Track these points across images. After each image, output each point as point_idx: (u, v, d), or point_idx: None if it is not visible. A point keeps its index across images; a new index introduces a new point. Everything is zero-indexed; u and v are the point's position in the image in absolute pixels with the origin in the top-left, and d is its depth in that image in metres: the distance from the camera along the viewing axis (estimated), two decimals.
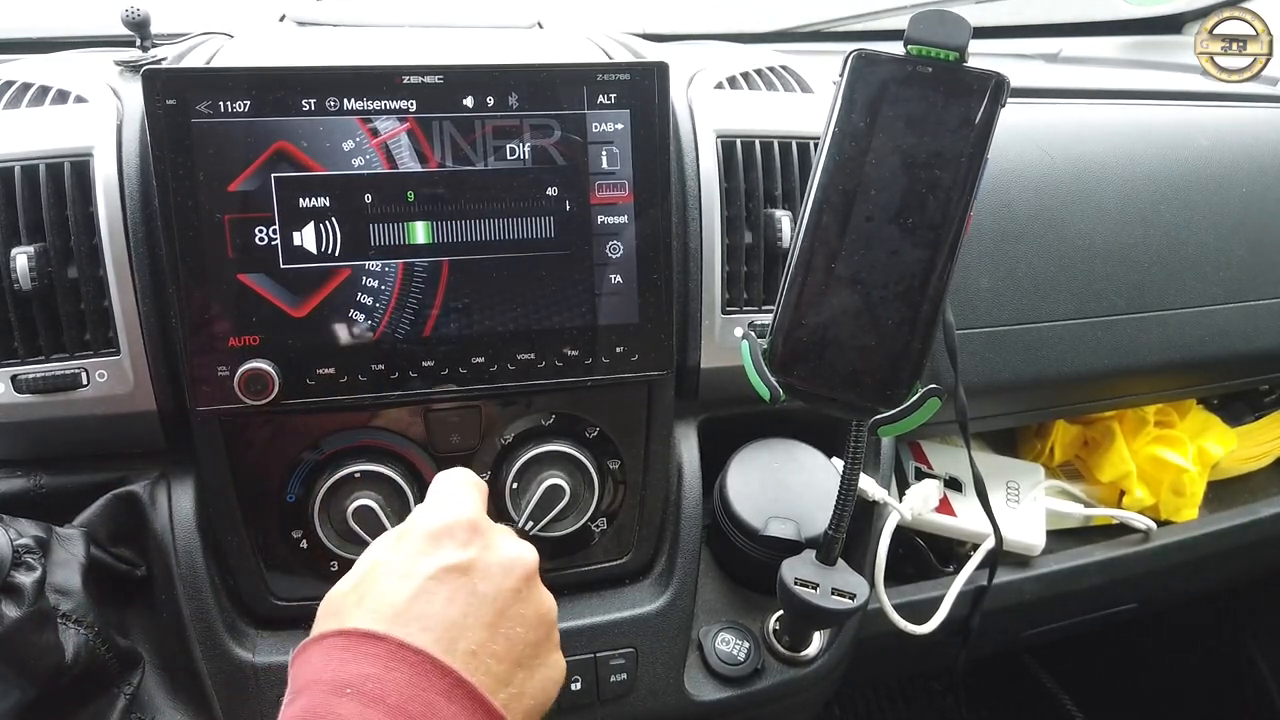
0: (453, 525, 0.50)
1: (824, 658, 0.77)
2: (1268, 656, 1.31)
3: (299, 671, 0.45)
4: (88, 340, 0.64)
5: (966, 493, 0.93)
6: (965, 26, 0.51)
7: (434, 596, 0.46)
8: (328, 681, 0.43)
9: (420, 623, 0.45)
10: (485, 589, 0.48)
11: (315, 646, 0.45)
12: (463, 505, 0.52)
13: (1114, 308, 0.90)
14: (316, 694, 0.43)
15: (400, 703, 0.42)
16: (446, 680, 0.43)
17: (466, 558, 0.48)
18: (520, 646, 0.48)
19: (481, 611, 0.47)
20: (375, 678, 0.43)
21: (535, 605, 0.50)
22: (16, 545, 0.58)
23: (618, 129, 0.65)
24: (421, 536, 0.49)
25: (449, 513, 0.51)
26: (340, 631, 0.45)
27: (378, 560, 0.49)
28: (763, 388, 0.56)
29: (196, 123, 0.59)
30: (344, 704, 0.42)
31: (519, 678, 0.48)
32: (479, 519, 0.51)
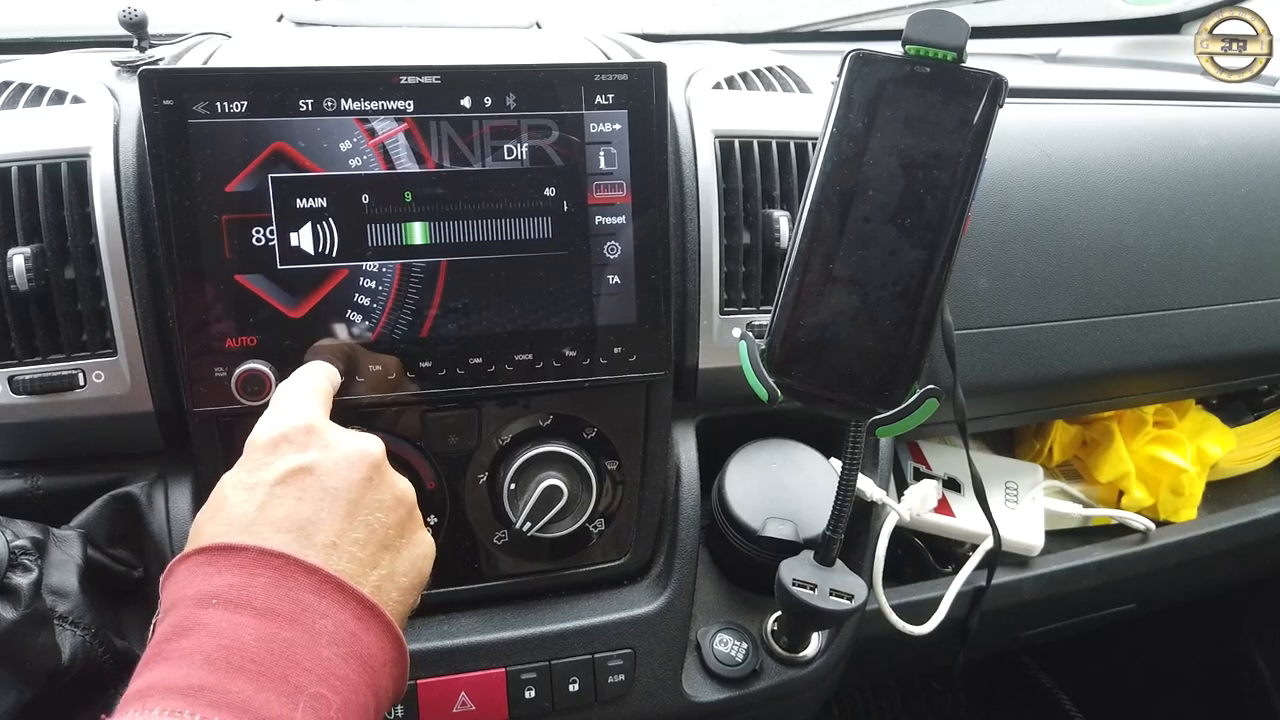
0: (288, 432, 0.50)
1: (822, 658, 0.77)
2: (1266, 656, 1.31)
3: (166, 593, 0.45)
4: (85, 341, 0.64)
5: (965, 493, 0.93)
6: (963, 26, 0.51)
7: (283, 500, 0.47)
8: (193, 596, 0.43)
9: (273, 525, 0.46)
10: (333, 484, 0.49)
11: (178, 566, 0.46)
12: (296, 410, 0.52)
13: (1113, 308, 0.90)
14: (183, 608, 0.43)
15: (267, 604, 0.43)
16: (313, 578, 0.45)
17: (308, 459, 0.49)
18: (381, 531, 0.49)
19: (334, 506, 0.48)
20: (239, 585, 0.43)
21: (389, 490, 0.51)
22: (13, 547, 0.58)
23: (615, 129, 0.65)
24: (260, 448, 0.50)
25: (283, 420, 0.51)
26: (199, 549, 0.45)
27: (223, 481, 0.50)
28: (761, 388, 0.56)
29: (193, 123, 0.59)
30: (211, 613, 0.42)
31: (385, 559, 0.49)
32: (314, 421, 0.51)
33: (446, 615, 0.72)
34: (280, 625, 0.43)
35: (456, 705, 0.69)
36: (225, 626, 0.42)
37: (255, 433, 0.51)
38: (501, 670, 0.70)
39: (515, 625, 0.72)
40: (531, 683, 0.71)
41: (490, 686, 0.70)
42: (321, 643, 0.43)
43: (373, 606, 0.46)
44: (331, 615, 0.44)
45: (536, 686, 0.71)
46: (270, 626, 0.42)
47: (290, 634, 0.42)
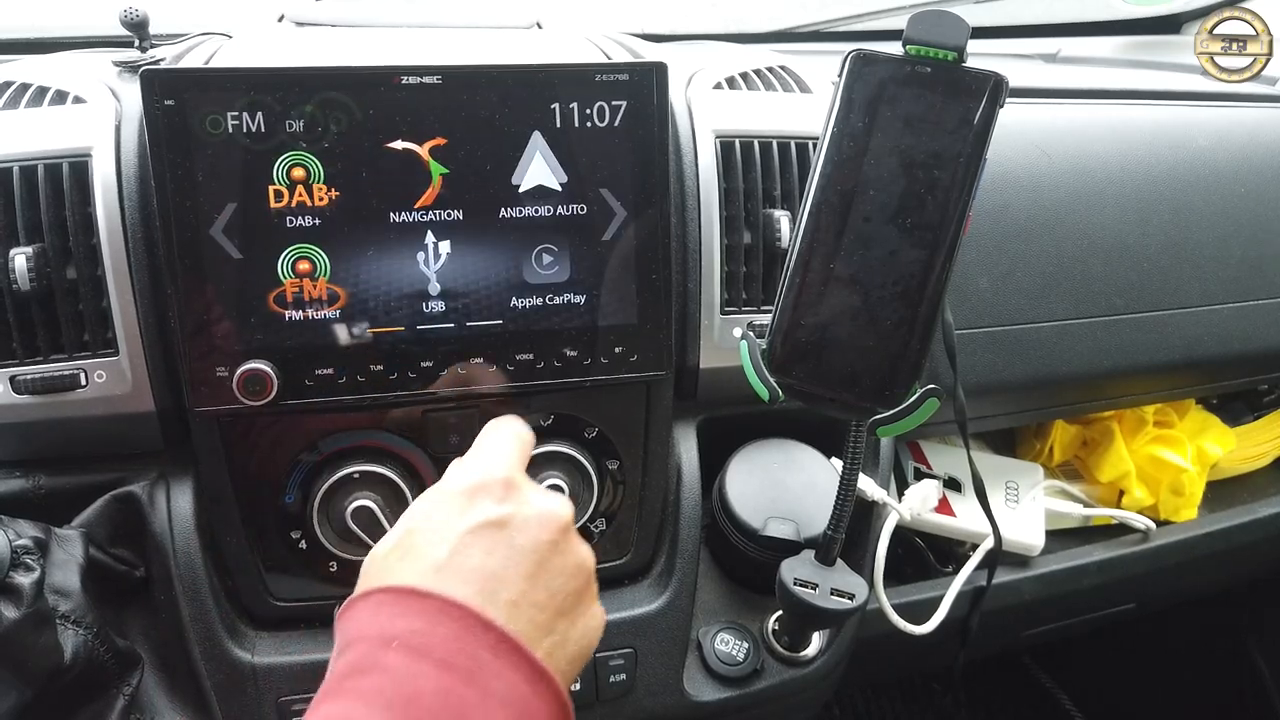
0: (488, 482, 0.50)
1: (823, 658, 0.77)
2: (1267, 656, 1.31)
3: (346, 626, 0.46)
4: (86, 341, 0.64)
5: (966, 493, 0.93)
6: (964, 26, 0.51)
7: (472, 551, 0.47)
8: (374, 636, 0.43)
9: (460, 576, 0.46)
10: (522, 542, 0.48)
11: (362, 603, 0.46)
12: (498, 462, 0.52)
13: (1113, 308, 0.90)
14: (363, 647, 0.43)
15: (446, 656, 0.43)
16: (491, 635, 0.44)
17: (502, 513, 0.49)
18: (561, 596, 0.49)
19: (521, 563, 0.48)
20: (422, 632, 0.43)
21: (573, 556, 0.51)
22: (15, 546, 0.58)
23: (616, 129, 0.65)
24: (457, 494, 0.50)
25: (483, 470, 0.51)
26: (385, 588, 0.46)
27: (416, 518, 0.50)
28: (761, 388, 0.56)
29: (195, 123, 0.59)
30: (391, 655, 0.42)
31: (561, 626, 0.48)
32: (513, 475, 0.51)
33: None
34: (456, 681, 0.42)
35: None
36: (404, 674, 0.42)
37: (454, 475, 0.52)
38: None
39: None
40: None
41: None
42: (493, 704, 0.43)
43: (545, 673, 0.45)
44: (505, 677, 0.44)
45: None
46: (447, 681, 0.42)
47: (465, 692, 0.42)
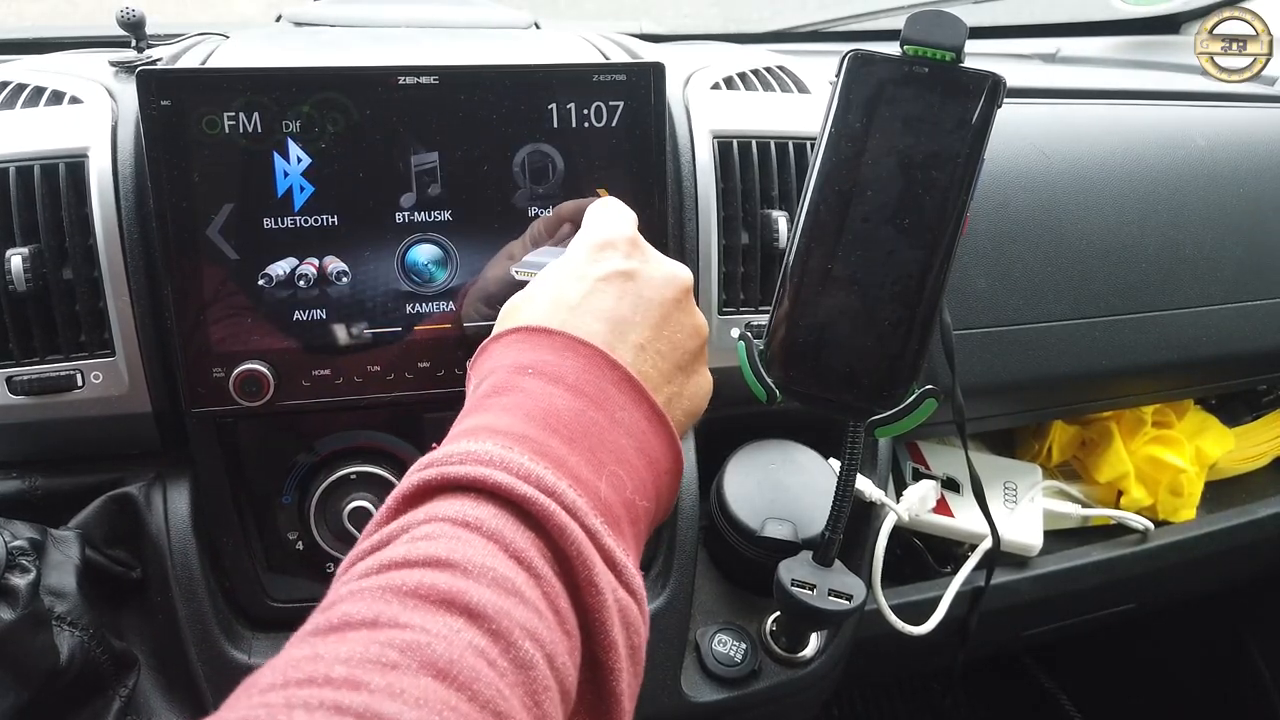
0: (616, 239, 0.53)
1: (821, 659, 0.77)
2: (1266, 656, 1.31)
3: (481, 364, 0.49)
4: (83, 342, 0.64)
5: (964, 493, 0.93)
6: (961, 27, 0.51)
7: (604, 295, 0.49)
8: (510, 365, 0.46)
9: (593, 314, 0.48)
10: (650, 294, 0.51)
11: (494, 343, 0.49)
12: (623, 223, 0.54)
13: (1111, 308, 0.90)
14: (502, 373, 0.46)
15: (578, 383, 0.45)
16: (617, 373, 0.47)
17: (631, 266, 0.51)
18: (680, 352, 0.51)
19: (648, 312, 0.50)
20: (553, 363, 0.46)
21: (694, 317, 0.53)
22: (11, 547, 0.58)
23: (614, 129, 0.65)
24: (589, 247, 0.52)
25: (612, 229, 0.53)
26: (518, 328, 0.48)
27: (551, 268, 0.52)
28: (759, 388, 0.56)
29: (191, 123, 0.59)
30: (528, 379, 0.45)
31: (678, 379, 0.51)
32: (637, 235, 0.54)
33: None
34: (588, 404, 0.45)
35: None
36: (541, 393, 0.44)
37: (584, 234, 0.54)
38: None
39: None
40: None
41: None
42: (620, 431, 0.45)
43: (662, 415, 0.48)
44: (629, 410, 0.46)
45: None
46: (580, 403, 0.45)
47: (596, 414, 0.45)
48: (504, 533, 0.38)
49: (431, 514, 0.39)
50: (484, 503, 0.39)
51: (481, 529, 0.38)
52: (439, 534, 0.38)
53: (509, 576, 0.37)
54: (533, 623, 0.36)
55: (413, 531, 0.38)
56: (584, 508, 0.41)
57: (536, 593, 0.38)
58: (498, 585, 0.36)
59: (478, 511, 0.39)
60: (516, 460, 0.40)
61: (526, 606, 0.37)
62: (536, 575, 0.38)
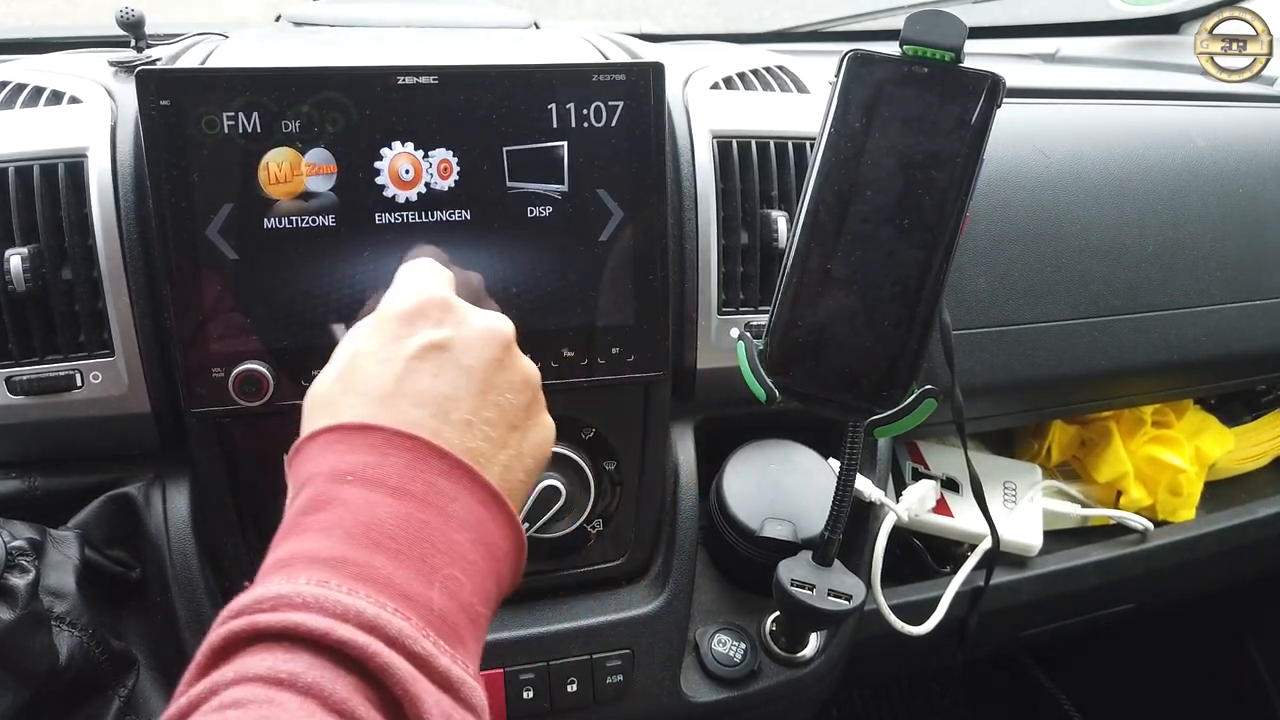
0: (424, 305, 0.49)
1: (821, 659, 0.77)
2: (1265, 656, 1.31)
3: (297, 469, 0.45)
4: (82, 342, 0.64)
5: (964, 493, 0.93)
6: (961, 27, 0.51)
7: (420, 375, 0.46)
8: (327, 472, 0.43)
9: (411, 400, 0.45)
10: (468, 361, 0.48)
11: (310, 444, 0.45)
12: (430, 285, 0.51)
13: (1111, 308, 0.90)
14: (318, 484, 0.43)
15: (402, 483, 0.43)
16: (445, 461, 0.44)
17: (444, 335, 0.48)
18: (511, 412, 0.49)
19: (469, 383, 0.47)
20: (374, 464, 0.43)
21: (519, 371, 0.50)
22: (10, 547, 0.58)
23: (613, 129, 0.65)
24: (395, 320, 0.48)
25: (419, 293, 0.50)
26: (333, 426, 0.45)
27: (357, 349, 0.48)
28: (759, 389, 0.56)
29: (190, 123, 0.59)
30: (347, 489, 0.42)
31: (514, 440, 0.49)
32: (449, 297, 0.50)
33: None
34: (415, 506, 0.42)
35: None
36: (362, 503, 0.42)
37: (388, 304, 0.50)
38: (499, 670, 0.70)
39: (513, 626, 0.72)
40: (529, 683, 0.71)
41: (488, 687, 0.69)
42: (454, 526, 0.43)
43: (498, 496, 0.45)
44: (462, 500, 0.44)
45: (534, 687, 0.71)
46: (405, 506, 0.42)
47: (424, 515, 0.42)
48: (322, 685, 0.36)
49: (241, 672, 0.36)
50: (299, 653, 0.37)
51: (296, 685, 0.36)
52: (248, 699, 0.35)
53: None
54: None
55: (220, 696, 0.36)
56: (410, 633, 0.39)
57: None
58: None
59: (291, 665, 0.36)
60: (332, 598, 0.38)
61: None
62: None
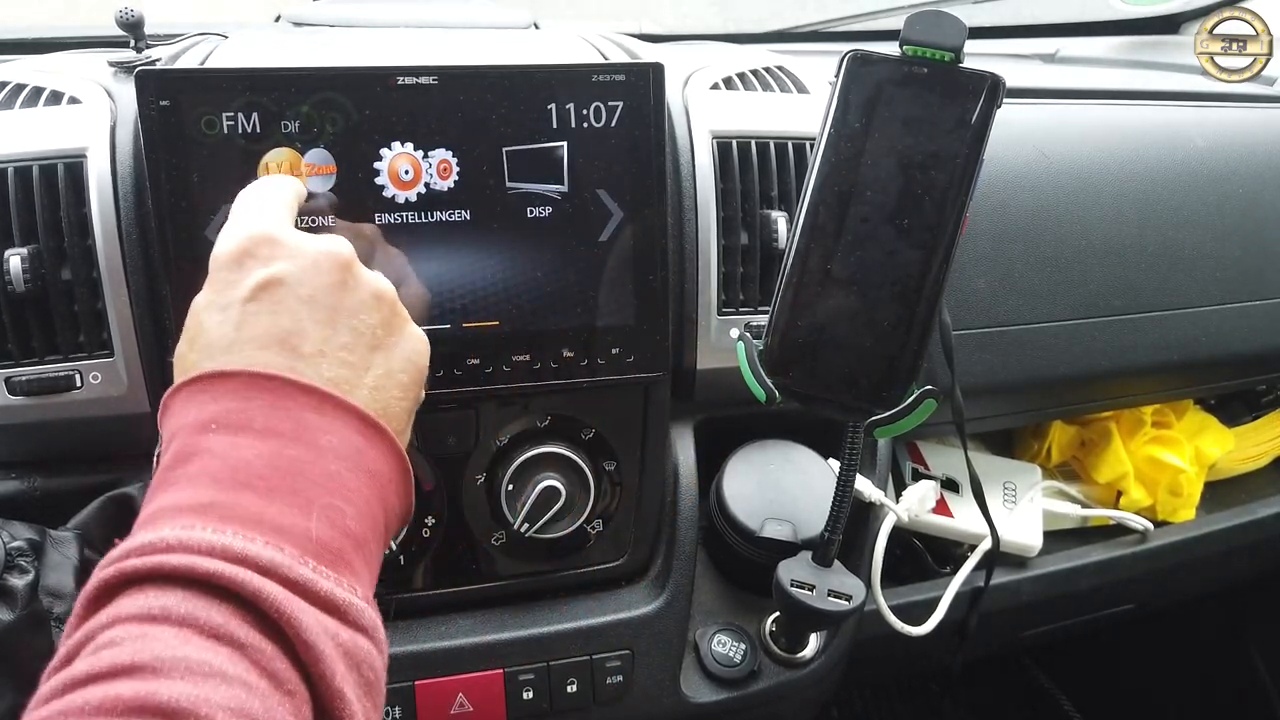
0: (248, 245, 0.48)
1: (821, 659, 0.77)
2: (1265, 657, 1.31)
3: (165, 424, 0.45)
4: (81, 342, 0.64)
5: (963, 494, 0.93)
6: (960, 27, 0.51)
7: (259, 316, 0.45)
8: (191, 424, 0.43)
9: (255, 343, 0.45)
10: (306, 291, 0.47)
11: (173, 398, 0.45)
12: (255, 220, 0.49)
13: (1110, 308, 0.90)
14: (183, 437, 0.43)
15: (268, 424, 0.42)
16: (312, 397, 0.44)
17: (276, 271, 0.47)
18: (367, 333, 0.48)
19: (314, 313, 0.46)
20: (237, 409, 0.43)
21: (366, 288, 0.49)
22: (10, 548, 0.58)
23: (613, 130, 0.65)
24: (224, 266, 0.47)
25: (242, 232, 0.48)
26: (191, 379, 0.44)
27: (195, 306, 0.48)
28: (758, 389, 0.56)
29: (190, 124, 0.59)
30: (211, 439, 0.42)
31: (379, 359, 0.48)
32: (274, 230, 0.48)
33: (444, 616, 0.72)
34: (284, 444, 0.42)
35: (454, 706, 0.69)
36: (228, 449, 0.41)
37: (216, 250, 0.48)
38: (499, 671, 0.70)
39: (513, 626, 0.72)
40: (529, 684, 0.71)
41: (488, 687, 0.70)
42: (328, 458, 0.43)
43: (374, 422, 0.45)
44: (335, 432, 0.44)
45: (534, 687, 0.71)
46: (274, 445, 0.42)
47: (295, 451, 0.42)
48: (196, 614, 0.37)
49: (115, 615, 0.37)
50: (170, 590, 0.37)
51: (170, 618, 0.36)
52: (122, 637, 0.36)
53: (205, 660, 0.35)
54: (240, 699, 0.35)
55: (97, 640, 0.36)
56: (285, 560, 0.39)
57: (242, 665, 0.36)
58: (192, 673, 0.35)
59: (163, 601, 0.37)
60: (197, 537, 0.38)
61: (230, 684, 0.35)
62: (240, 646, 0.37)
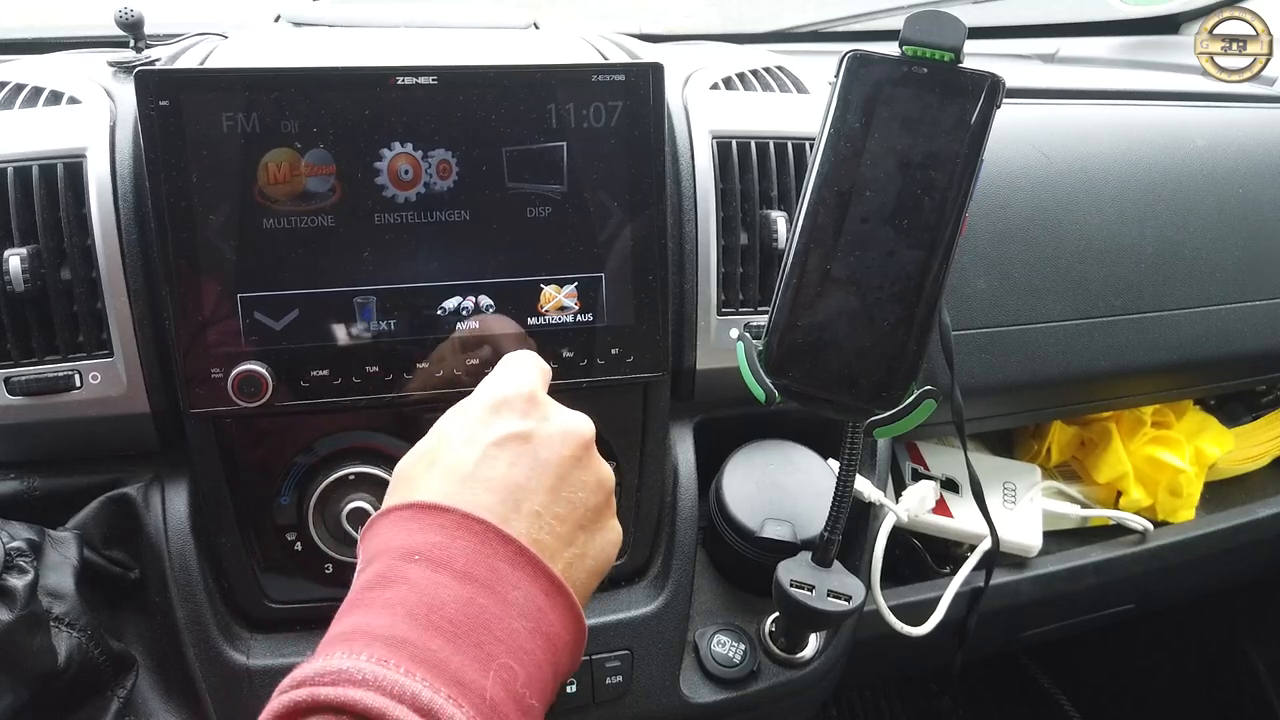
0: (512, 397, 0.51)
1: (820, 659, 0.77)
2: (1264, 657, 1.31)
3: (369, 543, 0.47)
4: (81, 342, 0.64)
5: (963, 494, 0.93)
6: (960, 27, 0.51)
7: (497, 461, 0.48)
8: (397, 549, 0.45)
9: (485, 485, 0.47)
10: (546, 455, 0.49)
11: (384, 519, 0.47)
12: (521, 379, 0.53)
13: (1110, 308, 0.90)
14: (386, 559, 0.45)
15: (466, 567, 0.44)
16: (510, 548, 0.45)
17: (527, 427, 0.50)
18: (581, 510, 0.50)
19: (543, 476, 0.49)
20: (442, 545, 0.44)
21: (595, 472, 0.52)
22: (9, 548, 0.58)
23: (613, 130, 0.65)
24: (483, 408, 0.51)
25: (509, 386, 0.52)
26: (408, 505, 0.47)
27: (444, 431, 0.51)
28: (758, 389, 0.56)
29: (189, 124, 0.59)
30: (413, 568, 0.44)
31: (580, 539, 0.50)
32: (537, 392, 0.53)
33: None
34: (477, 591, 0.43)
35: None
36: (426, 583, 0.43)
37: (481, 392, 0.53)
38: None
39: None
40: None
41: None
42: (513, 614, 0.44)
43: (561, 586, 0.46)
44: (524, 588, 0.45)
45: None
46: (468, 590, 0.43)
47: (485, 601, 0.43)
48: None
49: None
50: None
51: None
52: None
53: None
54: None
55: None
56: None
57: None
58: None
59: None
60: (390, 678, 0.39)
61: None
62: None
